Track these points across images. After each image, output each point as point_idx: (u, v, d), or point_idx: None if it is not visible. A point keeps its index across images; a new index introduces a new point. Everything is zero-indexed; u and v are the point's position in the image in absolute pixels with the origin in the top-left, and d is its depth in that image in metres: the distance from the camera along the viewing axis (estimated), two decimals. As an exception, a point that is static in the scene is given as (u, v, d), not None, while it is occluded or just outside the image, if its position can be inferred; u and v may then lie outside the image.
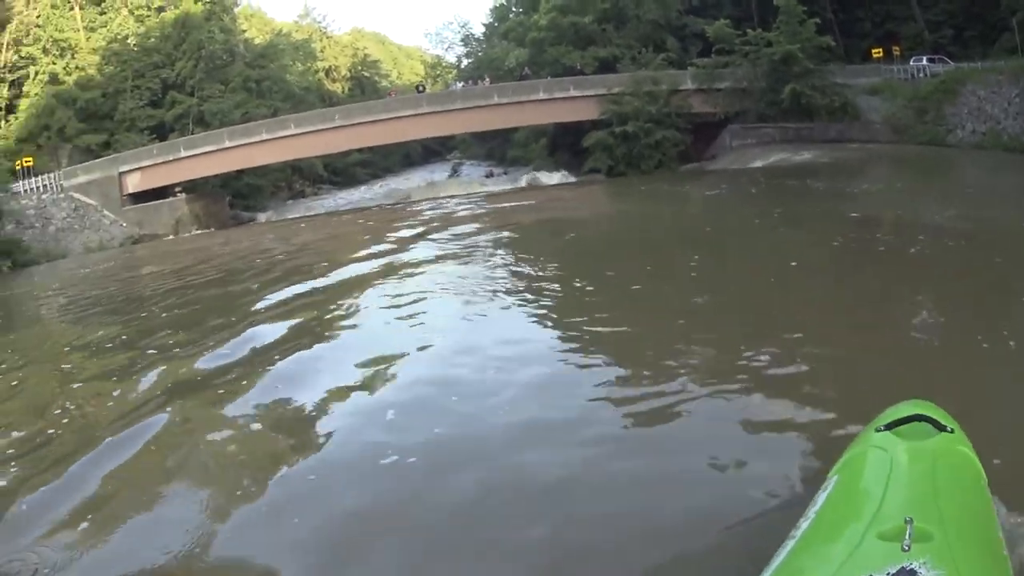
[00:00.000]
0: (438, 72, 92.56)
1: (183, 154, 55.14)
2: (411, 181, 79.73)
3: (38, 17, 68.28)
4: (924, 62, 45.20)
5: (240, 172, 61.50)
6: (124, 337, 16.04)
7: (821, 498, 3.93)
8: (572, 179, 54.55)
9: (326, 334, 13.77)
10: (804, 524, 3.68)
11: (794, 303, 12.39)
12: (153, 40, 69.43)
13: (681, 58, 56.12)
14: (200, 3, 72.64)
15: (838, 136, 44.90)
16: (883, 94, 44.78)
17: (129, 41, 69.47)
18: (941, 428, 4.25)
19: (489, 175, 71.39)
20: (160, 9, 71.43)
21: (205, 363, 12.07)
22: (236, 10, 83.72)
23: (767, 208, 26.38)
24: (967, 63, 42.35)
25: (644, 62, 54.64)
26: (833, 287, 13.27)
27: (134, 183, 55.24)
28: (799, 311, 11.74)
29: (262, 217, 62.03)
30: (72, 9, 70.69)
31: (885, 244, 16.78)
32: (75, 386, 12.16)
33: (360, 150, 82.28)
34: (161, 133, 64.44)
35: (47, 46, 67.49)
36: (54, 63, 67.03)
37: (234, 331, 14.28)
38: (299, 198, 77.16)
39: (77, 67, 67.95)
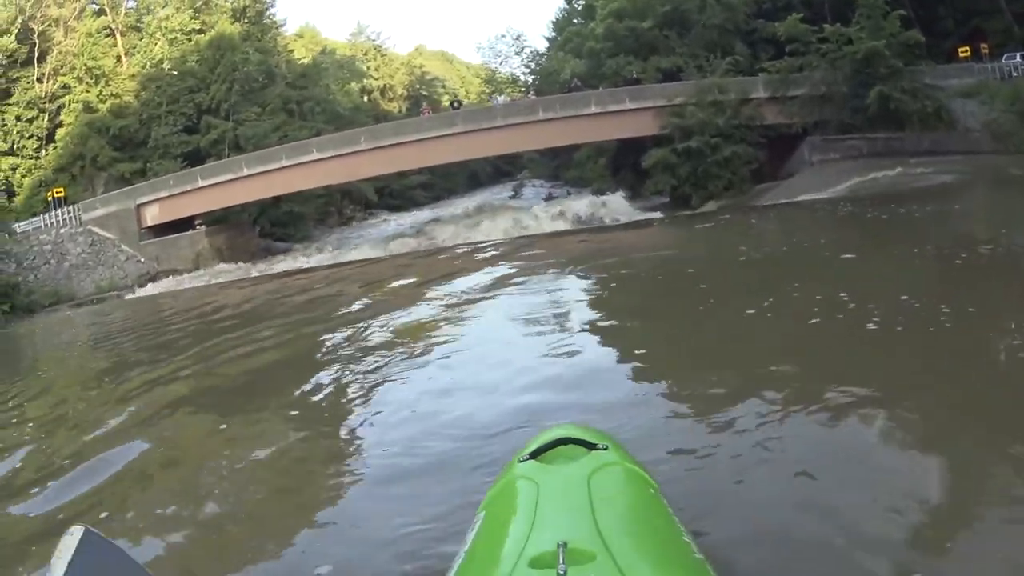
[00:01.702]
0: (493, 88, 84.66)
1: (200, 184, 50.41)
2: (455, 208, 70.00)
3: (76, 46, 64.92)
4: (1018, 59, 39.49)
5: (277, 199, 56.85)
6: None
7: (469, 537, 3.67)
8: (618, 217, 44.41)
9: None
10: (456, 564, 3.47)
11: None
12: (190, 64, 65.24)
13: (751, 65, 49.12)
14: (238, 24, 68.09)
15: (933, 147, 37.97)
16: (980, 96, 38.15)
17: (164, 66, 65.38)
18: (592, 447, 4.15)
19: (548, 198, 65.24)
20: (198, 31, 67.19)
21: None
22: (282, 29, 79.72)
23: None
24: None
25: (710, 70, 48.02)
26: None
27: (152, 215, 51.08)
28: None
29: (294, 251, 54.89)
30: (110, 35, 67.29)
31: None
32: None
33: (420, 171, 76.99)
34: (197, 159, 59.71)
35: (81, 74, 64.16)
36: (88, 91, 63.77)
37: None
38: (349, 224, 71.71)
39: (112, 94, 64.37)
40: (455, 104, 64.79)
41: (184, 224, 51.47)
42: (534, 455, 4.10)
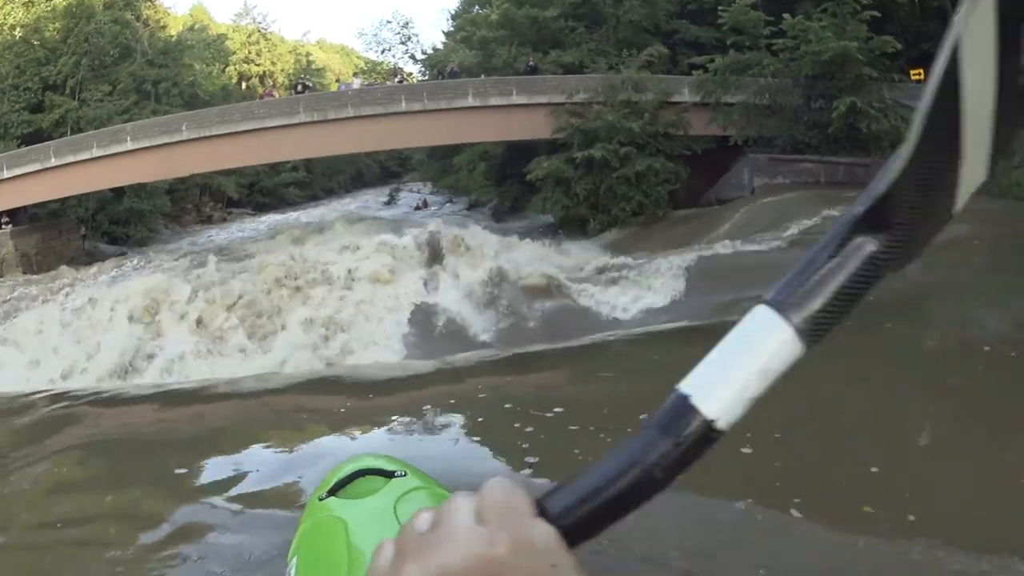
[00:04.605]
0: (373, 79, 69.92)
1: (5, 175, 36.06)
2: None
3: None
4: (982, 77, 29.01)
5: (119, 192, 43.41)
6: None
7: None
8: None
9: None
10: None
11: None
12: (49, 32, 50.86)
13: (669, 71, 36.13)
14: (103, -11, 53.97)
15: (903, 178, 25.89)
16: (954, 121, 26.58)
17: (16, 33, 50.70)
18: (390, 475, 3.48)
19: (420, 207, 54.17)
20: (57, -7, 52.28)
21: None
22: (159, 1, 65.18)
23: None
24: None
25: (624, 66, 34.30)
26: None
27: (-44, 211, 36.70)
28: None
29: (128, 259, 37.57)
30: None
31: None
32: None
33: (295, 167, 63.74)
34: (38, 142, 44.34)
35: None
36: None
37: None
38: (209, 223, 58.77)
39: (-42, 65, 49.49)
40: (299, 87, 47.34)
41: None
42: (333, 491, 3.38)
